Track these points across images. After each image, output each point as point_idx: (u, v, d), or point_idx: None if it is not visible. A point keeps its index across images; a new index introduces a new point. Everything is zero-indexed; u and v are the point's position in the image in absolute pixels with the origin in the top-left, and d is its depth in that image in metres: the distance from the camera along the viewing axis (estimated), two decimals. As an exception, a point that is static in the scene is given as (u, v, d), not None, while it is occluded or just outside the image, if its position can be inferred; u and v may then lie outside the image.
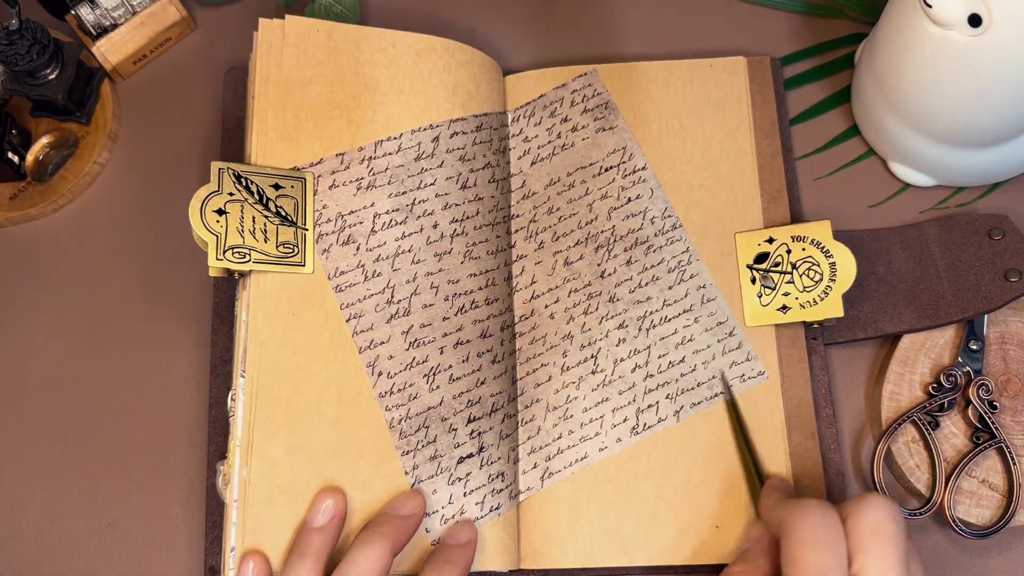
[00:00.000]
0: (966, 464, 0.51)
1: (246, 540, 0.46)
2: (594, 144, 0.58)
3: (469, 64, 0.57)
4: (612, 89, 0.59)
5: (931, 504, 0.50)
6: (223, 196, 0.49)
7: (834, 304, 0.52)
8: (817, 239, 0.53)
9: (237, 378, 0.49)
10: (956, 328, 0.54)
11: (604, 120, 0.58)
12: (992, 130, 0.52)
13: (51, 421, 0.56)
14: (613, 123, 0.58)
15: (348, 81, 0.54)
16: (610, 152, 0.57)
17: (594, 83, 0.59)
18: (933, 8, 0.46)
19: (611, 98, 0.59)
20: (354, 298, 0.51)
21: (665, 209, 0.56)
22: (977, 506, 0.51)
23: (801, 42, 0.61)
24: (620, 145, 0.58)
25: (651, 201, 0.57)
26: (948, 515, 0.50)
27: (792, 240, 0.54)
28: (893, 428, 0.52)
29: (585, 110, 0.59)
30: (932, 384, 0.52)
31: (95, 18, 0.62)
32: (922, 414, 0.52)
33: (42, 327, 0.58)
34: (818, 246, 0.53)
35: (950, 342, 0.53)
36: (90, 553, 0.54)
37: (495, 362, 0.53)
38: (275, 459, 0.48)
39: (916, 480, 0.51)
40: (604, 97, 0.59)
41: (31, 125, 0.62)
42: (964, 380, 0.52)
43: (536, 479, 0.52)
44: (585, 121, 0.58)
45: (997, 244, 0.54)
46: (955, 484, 0.51)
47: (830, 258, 0.53)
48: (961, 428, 0.52)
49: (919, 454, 0.52)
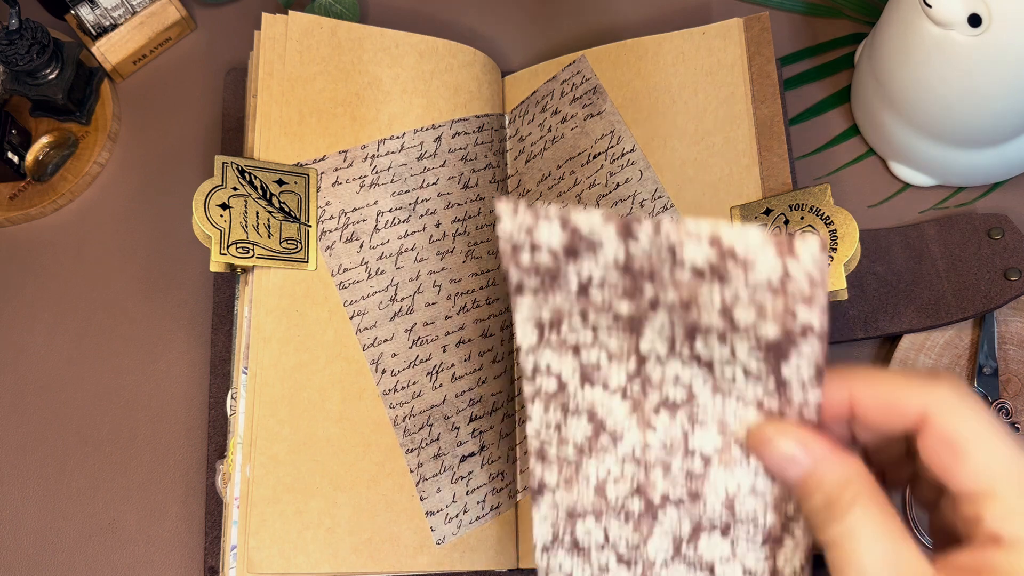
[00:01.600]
0: None
1: (249, 538, 0.46)
2: (583, 132, 0.57)
3: (471, 65, 0.57)
4: (600, 72, 0.57)
5: None
6: (227, 191, 0.49)
7: (836, 276, 0.48)
8: (816, 206, 0.50)
9: (238, 375, 0.49)
10: (956, 328, 0.54)
11: (592, 106, 0.57)
12: (992, 130, 0.52)
13: (51, 421, 0.56)
14: (601, 108, 0.57)
15: (351, 79, 0.54)
16: (598, 138, 0.56)
17: (582, 70, 0.58)
18: (933, 8, 0.46)
19: (599, 82, 0.57)
20: (357, 295, 0.51)
21: (656, 191, 0.54)
22: None
23: (801, 42, 0.62)
24: (608, 129, 0.56)
25: (640, 184, 0.55)
26: None
27: (790, 210, 0.51)
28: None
29: (574, 99, 0.57)
30: None
31: (95, 18, 0.61)
32: None
33: (42, 326, 0.58)
34: (817, 213, 0.50)
35: (950, 342, 0.54)
36: (90, 553, 0.53)
37: (495, 361, 0.53)
38: (279, 456, 0.47)
39: None
40: (593, 82, 0.57)
41: (31, 125, 0.62)
42: None
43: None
44: (574, 110, 0.57)
45: (997, 244, 0.54)
46: None
47: (831, 225, 0.50)
48: None
49: None
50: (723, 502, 0.36)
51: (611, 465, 0.36)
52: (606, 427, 0.36)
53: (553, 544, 0.37)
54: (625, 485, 0.36)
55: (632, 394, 0.36)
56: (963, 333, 0.54)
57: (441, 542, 0.49)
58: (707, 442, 0.35)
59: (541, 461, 0.37)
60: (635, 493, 0.37)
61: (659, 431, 0.36)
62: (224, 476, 0.49)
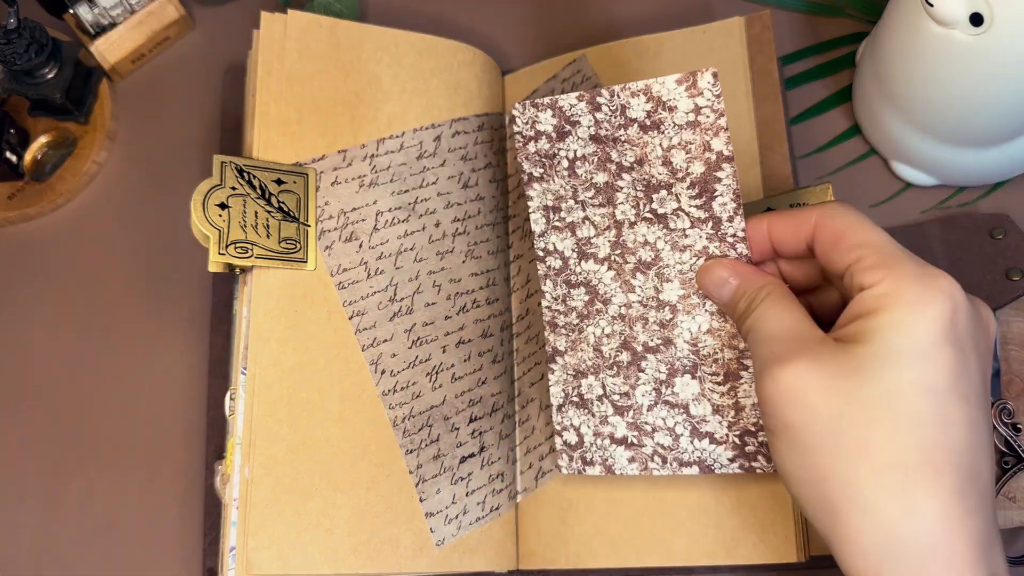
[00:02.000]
0: (998, 491, 0.50)
1: (247, 539, 0.46)
2: None
3: (471, 64, 0.57)
4: (601, 71, 0.58)
5: None
6: (225, 190, 0.49)
7: None
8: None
9: (237, 375, 0.49)
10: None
11: None
12: (994, 129, 0.52)
13: (49, 421, 0.56)
14: None
15: (351, 78, 0.54)
16: None
17: (583, 68, 0.58)
18: (935, 7, 0.46)
19: (600, 82, 0.57)
20: (357, 295, 0.51)
21: None
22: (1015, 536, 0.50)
23: (802, 41, 0.62)
24: None
25: None
26: None
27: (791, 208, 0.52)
28: None
29: None
30: None
31: (93, 17, 0.61)
32: None
33: (40, 327, 0.58)
34: None
35: (951, 342, 0.53)
36: (89, 553, 0.53)
37: (495, 362, 0.53)
38: (278, 457, 0.47)
39: None
40: (593, 81, 0.58)
41: (29, 124, 0.62)
42: None
43: (531, 479, 0.52)
44: None
45: (999, 243, 0.54)
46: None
47: None
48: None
49: None
50: (688, 344, 0.45)
51: (604, 325, 0.47)
52: (599, 293, 0.47)
53: (565, 403, 0.48)
54: (615, 341, 0.47)
55: (614, 262, 0.46)
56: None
57: (441, 543, 0.49)
58: (672, 294, 0.45)
59: (553, 331, 0.48)
60: (622, 347, 0.46)
61: (636, 290, 0.46)
62: (223, 477, 0.49)
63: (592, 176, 0.45)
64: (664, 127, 0.42)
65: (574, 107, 0.44)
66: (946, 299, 0.35)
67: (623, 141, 0.43)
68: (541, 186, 0.46)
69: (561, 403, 0.48)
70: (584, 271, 0.47)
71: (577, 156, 0.45)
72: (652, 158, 0.43)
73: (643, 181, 0.44)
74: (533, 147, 0.45)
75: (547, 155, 0.45)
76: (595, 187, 0.45)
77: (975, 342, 0.35)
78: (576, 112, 0.44)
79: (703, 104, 0.41)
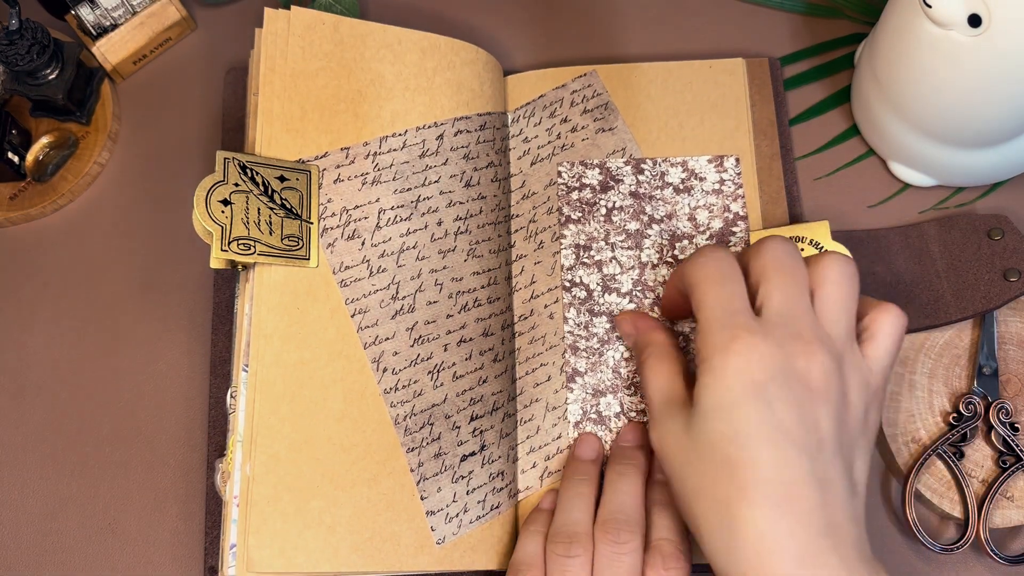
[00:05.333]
0: (996, 490, 0.50)
1: (248, 537, 0.46)
2: (593, 145, 0.58)
3: (473, 63, 0.57)
4: (611, 90, 0.59)
5: (965, 539, 0.50)
6: (228, 186, 0.49)
7: None
8: (815, 239, 0.53)
9: (239, 372, 0.49)
10: (956, 329, 0.54)
11: (604, 121, 0.58)
12: (992, 130, 0.52)
13: (50, 421, 0.56)
14: (612, 124, 0.58)
15: (354, 76, 0.54)
16: (610, 153, 0.58)
17: (593, 84, 0.59)
18: (933, 8, 0.46)
19: (611, 99, 0.59)
20: (359, 293, 0.51)
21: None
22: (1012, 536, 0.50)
23: (801, 42, 0.62)
24: (620, 146, 0.58)
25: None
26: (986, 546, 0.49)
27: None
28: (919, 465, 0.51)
29: (585, 111, 0.59)
30: (952, 414, 0.52)
31: (95, 18, 0.61)
32: (946, 446, 0.51)
33: (42, 327, 0.58)
34: (816, 247, 0.53)
35: (950, 342, 0.54)
36: (90, 553, 0.53)
37: (496, 361, 0.53)
38: (279, 455, 0.47)
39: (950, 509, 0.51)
40: (604, 98, 0.59)
41: (31, 125, 0.62)
42: (983, 406, 0.52)
43: (535, 478, 0.52)
44: (585, 122, 0.58)
45: (996, 244, 0.54)
46: (988, 512, 0.50)
47: None
48: (987, 453, 0.52)
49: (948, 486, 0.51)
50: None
51: (623, 350, 0.54)
52: None
53: (583, 419, 0.53)
54: (633, 364, 0.53)
55: (635, 296, 0.54)
56: (963, 333, 0.54)
57: (441, 542, 0.49)
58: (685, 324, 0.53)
59: (574, 353, 0.54)
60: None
61: None
62: (224, 475, 0.49)
63: (626, 224, 0.55)
64: (694, 191, 0.56)
65: (620, 169, 0.56)
66: (742, 364, 0.41)
67: (658, 199, 0.56)
68: (577, 227, 0.56)
69: (579, 419, 0.53)
70: (607, 302, 0.54)
71: (615, 206, 0.56)
72: (680, 214, 0.55)
73: (669, 232, 0.55)
74: (576, 195, 0.56)
75: (588, 203, 0.56)
76: (627, 232, 0.55)
77: (787, 391, 0.40)
78: (622, 173, 0.56)
79: (727, 178, 0.56)
